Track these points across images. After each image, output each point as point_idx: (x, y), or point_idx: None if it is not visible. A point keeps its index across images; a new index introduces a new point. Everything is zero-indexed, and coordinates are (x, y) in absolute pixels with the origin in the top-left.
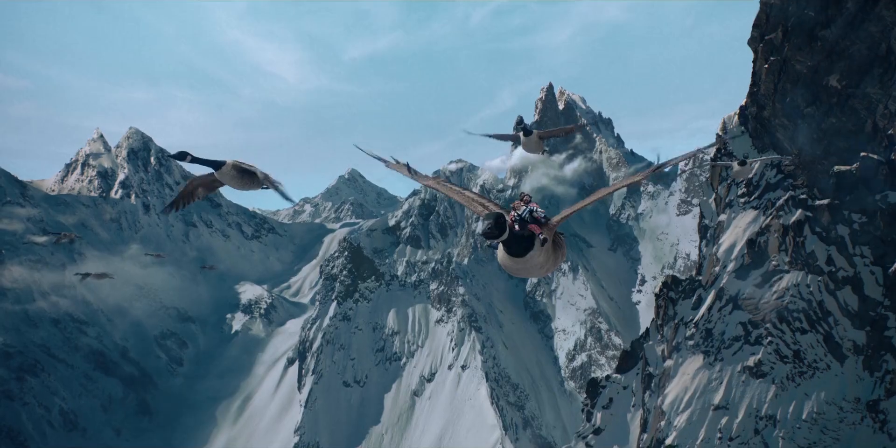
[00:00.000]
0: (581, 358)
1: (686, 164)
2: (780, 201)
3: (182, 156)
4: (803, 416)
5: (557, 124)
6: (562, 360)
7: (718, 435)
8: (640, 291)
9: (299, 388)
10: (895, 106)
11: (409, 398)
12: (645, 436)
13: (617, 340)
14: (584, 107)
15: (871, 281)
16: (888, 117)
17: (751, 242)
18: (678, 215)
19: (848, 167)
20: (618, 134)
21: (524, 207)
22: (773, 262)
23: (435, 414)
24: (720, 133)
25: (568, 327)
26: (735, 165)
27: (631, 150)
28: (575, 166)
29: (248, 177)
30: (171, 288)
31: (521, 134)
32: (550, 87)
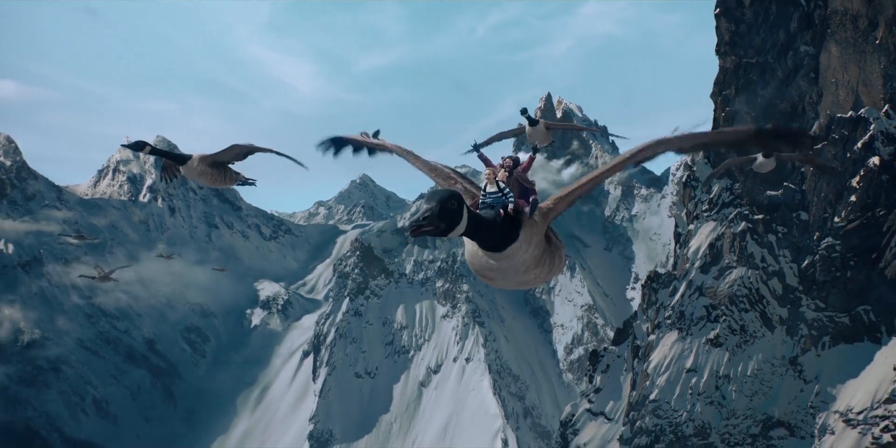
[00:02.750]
0: (578, 351)
1: (677, 168)
2: (731, 215)
3: (139, 146)
4: (748, 373)
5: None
6: (560, 353)
7: (690, 391)
8: (633, 289)
9: (314, 379)
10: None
11: (416, 389)
12: (634, 393)
13: (612, 335)
14: (580, 115)
15: (790, 273)
16: (802, 159)
17: (711, 246)
18: (670, 217)
19: (776, 192)
20: (613, 140)
21: (503, 178)
22: (726, 261)
23: (441, 403)
24: (685, 171)
25: (566, 322)
26: (759, 157)
27: None
28: (572, 171)
29: (219, 172)
30: (195, 285)
31: (525, 125)
32: (549, 97)
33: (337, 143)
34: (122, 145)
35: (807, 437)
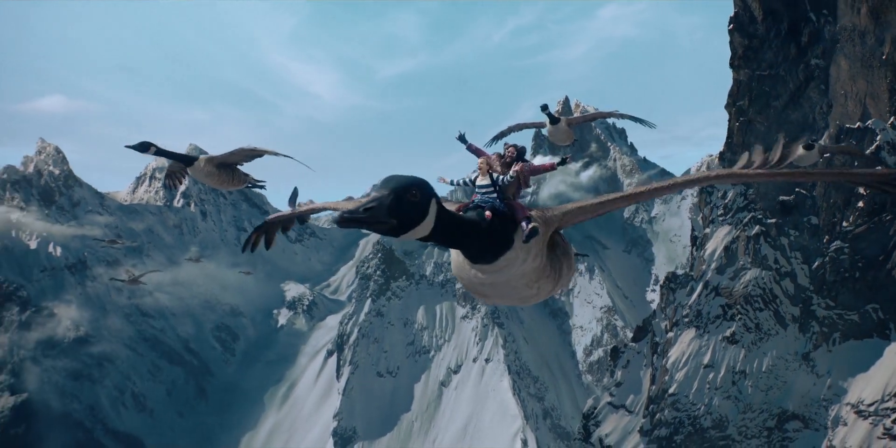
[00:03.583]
0: (598, 353)
1: (697, 168)
2: (746, 219)
3: (145, 147)
4: (763, 369)
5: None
6: (579, 354)
7: (707, 386)
8: (653, 291)
9: (338, 378)
10: None
11: (437, 388)
12: (653, 387)
13: (632, 336)
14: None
15: (801, 274)
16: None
17: (726, 248)
18: (690, 218)
19: (788, 198)
20: (631, 142)
21: (504, 171)
22: (741, 262)
23: (461, 403)
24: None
25: (585, 324)
26: (799, 149)
27: (644, 158)
28: (590, 173)
29: (227, 174)
30: (225, 286)
31: (546, 122)
32: (566, 101)
33: (266, 231)
34: (127, 146)
35: (820, 428)
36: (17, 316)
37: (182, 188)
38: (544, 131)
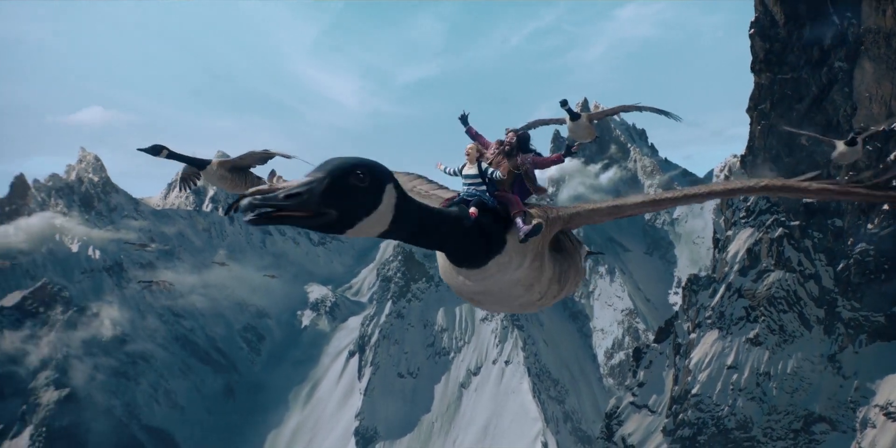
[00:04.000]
0: (619, 356)
1: (721, 170)
2: (769, 221)
3: (157, 150)
4: (788, 371)
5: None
6: (600, 357)
7: (731, 387)
8: (676, 293)
9: (359, 378)
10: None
11: (456, 390)
12: (676, 387)
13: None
14: (618, 119)
15: (826, 276)
16: (836, 167)
17: (749, 251)
18: (713, 220)
19: (811, 200)
20: (651, 143)
21: (501, 161)
22: (764, 264)
23: (481, 405)
24: (727, 174)
25: (606, 327)
26: (840, 145)
27: (665, 158)
28: (610, 175)
29: (240, 177)
30: (252, 288)
31: (566, 118)
32: (585, 102)
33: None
34: (139, 149)
35: (848, 431)
36: (61, 315)
37: (210, 193)
38: (564, 129)
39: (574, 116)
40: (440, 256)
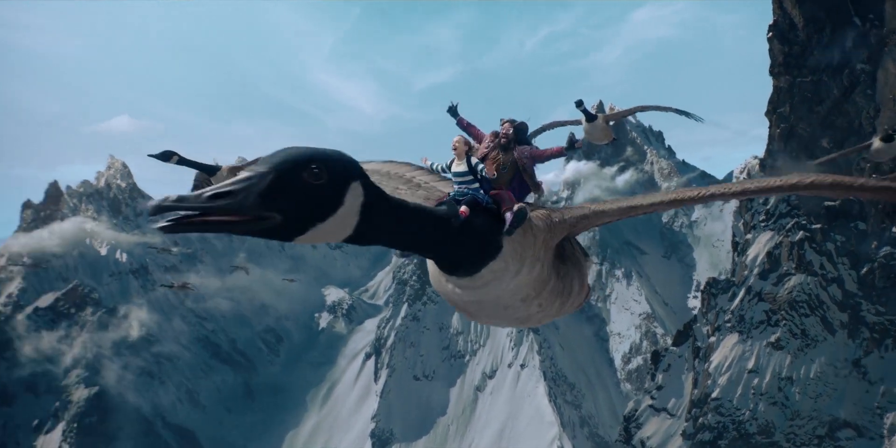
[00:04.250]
0: (637, 361)
1: (741, 171)
2: (789, 225)
3: (167, 156)
4: (811, 376)
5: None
6: (617, 362)
7: (752, 391)
8: (695, 297)
9: (375, 380)
10: (863, 164)
11: (472, 393)
12: (695, 391)
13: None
14: (634, 121)
15: (849, 279)
16: (858, 171)
17: (769, 254)
18: (735, 223)
19: (833, 203)
20: (669, 145)
21: (495, 156)
22: (784, 268)
23: (496, 408)
24: (747, 177)
25: (623, 331)
26: (876, 141)
27: (683, 161)
28: (627, 177)
29: None
30: (271, 291)
31: (582, 120)
32: (601, 105)
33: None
34: (150, 155)
35: (876, 437)
36: (91, 316)
37: None
38: (579, 130)
39: (590, 118)
40: (429, 261)
